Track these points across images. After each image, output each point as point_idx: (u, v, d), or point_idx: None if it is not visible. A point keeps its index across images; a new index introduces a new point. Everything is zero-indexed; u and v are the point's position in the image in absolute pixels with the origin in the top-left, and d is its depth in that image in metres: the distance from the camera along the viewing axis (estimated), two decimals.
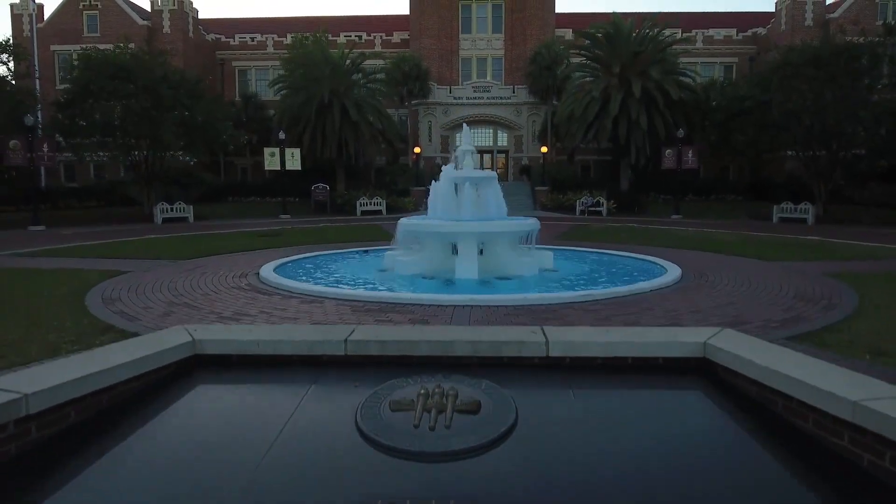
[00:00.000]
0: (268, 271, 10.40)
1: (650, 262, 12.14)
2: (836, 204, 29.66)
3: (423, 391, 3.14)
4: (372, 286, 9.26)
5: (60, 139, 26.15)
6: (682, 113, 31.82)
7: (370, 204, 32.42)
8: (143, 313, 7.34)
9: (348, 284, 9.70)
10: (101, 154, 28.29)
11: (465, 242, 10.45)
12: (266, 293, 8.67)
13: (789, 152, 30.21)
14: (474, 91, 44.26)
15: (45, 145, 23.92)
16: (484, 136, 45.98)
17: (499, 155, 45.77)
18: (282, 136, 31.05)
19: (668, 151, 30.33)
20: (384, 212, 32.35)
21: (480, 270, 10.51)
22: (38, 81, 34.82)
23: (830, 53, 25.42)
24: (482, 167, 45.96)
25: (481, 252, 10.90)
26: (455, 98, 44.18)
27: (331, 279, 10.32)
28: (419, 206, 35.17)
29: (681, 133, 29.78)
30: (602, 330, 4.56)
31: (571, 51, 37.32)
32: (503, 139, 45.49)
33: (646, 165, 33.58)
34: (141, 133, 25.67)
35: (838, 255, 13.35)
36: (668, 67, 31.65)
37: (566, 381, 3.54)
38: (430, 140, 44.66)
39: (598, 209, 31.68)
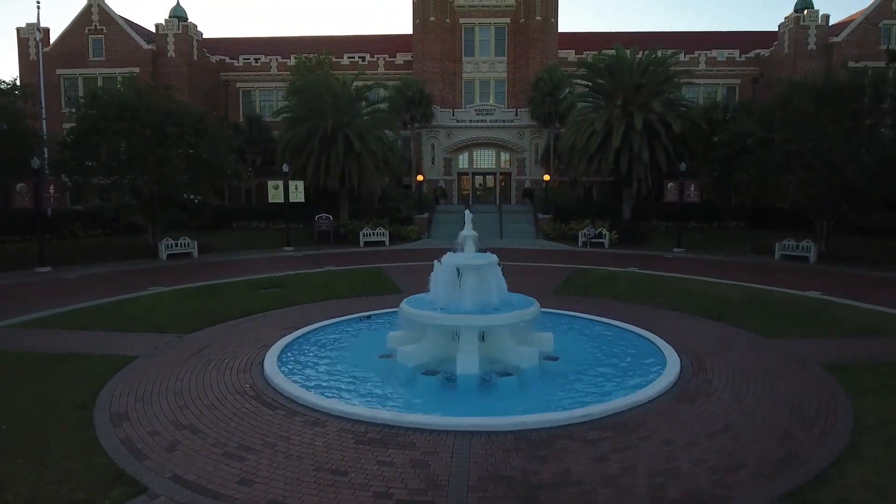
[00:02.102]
0: (272, 365, 10.55)
1: (650, 342, 12.23)
2: (839, 232, 29.62)
3: None
4: (374, 398, 9.39)
5: (66, 179, 26.38)
6: (685, 144, 31.93)
7: (373, 234, 32.60)
8: (151, 445, 7.50)
9: (350, 388, 9.83)
10: (108, 180, 28.42)
11: (466, 336, 10.60)
12: (270, 405, 8.83)
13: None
14: (477, 114, 44.51)
15: (51, 187, 24.15)
16: (487, 158, 46.24)
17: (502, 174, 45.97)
18: (285, 168, 31.26)
19: (670, 185, 30.44)
20: (387, 242, 32.56)
21: (481, 359, 10.65)
22: (44, 121, 35.01)
23: (833, 91, 25.47)
24: (485, 187, 46.22)
25: (482, 338, 11.07)
26: (458, 121, 44.44)
27: (332, 375, 10.47)
28: (421, 234, 35.42)
29: (683, 167, 29.87)
30: None
31: (575, 81, 37.41)
32: (506, 161, 45.67)
33: (648, 195, 33.69)
34: (146, 171, 25.86)
35: (837, 329, 13.42)
36: (670, 98, 31.71)
37: None
38: (432, 163, 44.93)
39: (600, 240, 31.79)
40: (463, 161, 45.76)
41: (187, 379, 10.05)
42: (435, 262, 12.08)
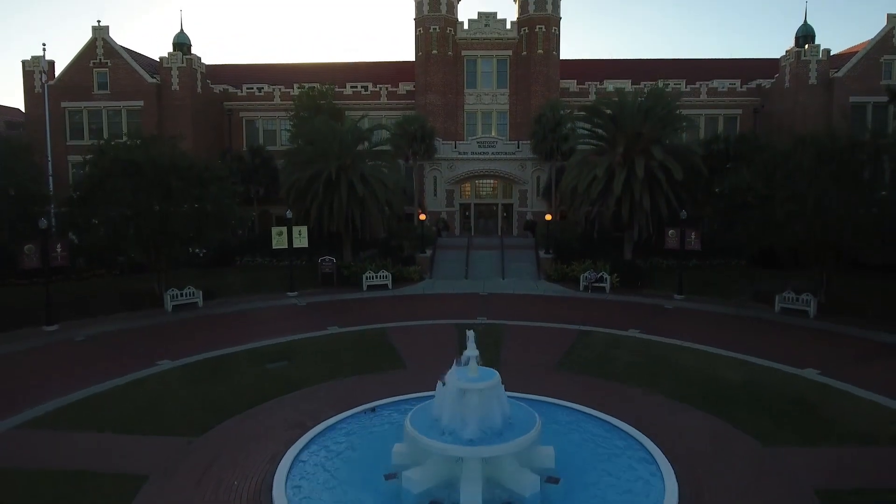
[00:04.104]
0: (280, 496, 10.83)
1: (651, 456, 12.46)
2: (841, 275, 29.61)
3: None
4: None
5: (73, 237, 26.68)
6: (686, 189, 32.15)
7: (376, 277, 32.86)
8: None
9: None
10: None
11: (469, 465, 10.87)
12: None
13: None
14: (479, 146, 44.80)
15: (58, 246, 24.46)
16: (489, 190, 46.48)
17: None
18: (289, 215, 31.54)
19: (671, 232, 30.67)
20: (390, 285, 32.81)
21: (484, 481, 10.94)
22: (50, 179, 35.34)
23: (832, 149, 25.66)
24: (487, 220, 46.46)
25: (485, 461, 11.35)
26: (460, 153, 44.76)
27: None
28: (424, 274, 35.68)
29: (684, 214, 30.10)
30: None
31: (577, 123, 37.62)
32: (508, 193, 45.90)
33: (649, 238, 33.94)
34: (151, 227, 26.16)
35: (835, 433, 13.63)
36: (672, 144, 31.90)
37: None
38: (434, 194, 45.23)
39: (601, 284, 32.02)
40: (465, 192, 46.02)
41: None
42: (439, 382, 12.35)
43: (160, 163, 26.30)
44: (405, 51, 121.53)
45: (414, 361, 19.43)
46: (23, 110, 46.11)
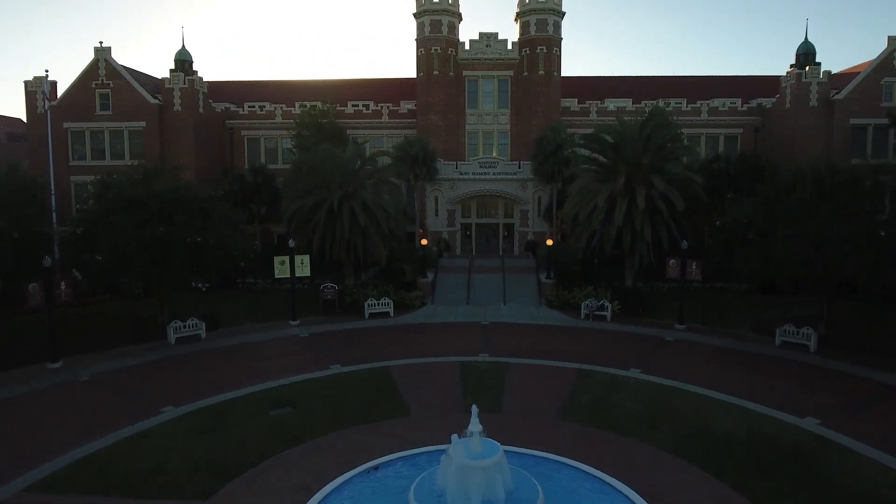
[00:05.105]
0: None
1: None
2: (842, 300, 29.58)
3: None
4: None
5: (77, 273, 26.83)
6: (687, 218, 32.26)
7: (378, 305, 33.00)
8: None
9: None
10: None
11: None
12: None
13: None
14: (480, 166, 44.93)
15: (63, 283, 24.60)
16: (490, 210, 46.59)
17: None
18: (291, 244, 31.67)
19: (671, 262, 30.78)
20: (391, 313, 32.95)
21: None
22: (54, 215, 35.48)
23: (832, 185, 25.77)
24: (488, 240, 46.53)
25: None
26: (461, 173, 44.90)
27: None
28: (425, 299, 35.80)
29: (685, 245, 30.21)
30: None
31: (579, 148, 37.70)
32: (509, 213, 46.01)
33: (650, 265, 34.06)
34: (154, 261, 26.29)
35: (836, 495, 13.74)
36: (673, 173, 31.99)
37: None
38: (436, 214, 45.36)
39: (602, 313, 32.13)
40: (466, 212, 46.14)
41: None
42: (443, 456, 12.49)
43: (164, 198, 26.43)
44: (407, 66, 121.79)
45: (417, 406, 19.57)
46: (24, 120, 46.18)
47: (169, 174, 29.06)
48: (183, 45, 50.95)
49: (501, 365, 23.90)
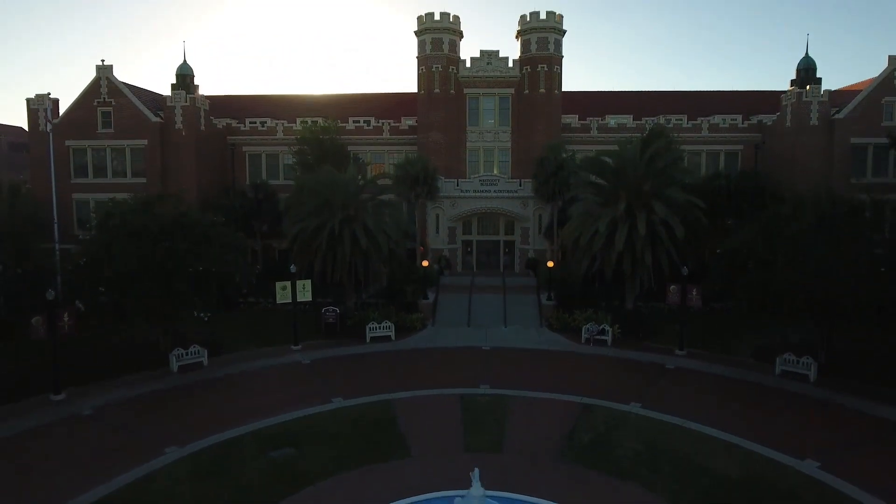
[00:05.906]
0: None
1: None
2: (842, 323, 29.57)
3: None
4: None
5: (80, 304, 26.95)
6: (688, 242, 32.32)
7: (379, 328, 33.11)
8: None
9: None
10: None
11: None
12: None
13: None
14: (481, 184, 45.07)
15: (66, 315, 24.71)
16: (491, 227, 46.70)
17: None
18: (293, 269, 31.78)
19: (672, 287, 30.88)
20: (393, 336, 33.05)
21: None
22: (57, 246, 35.60)
23: (833, 216, 25.86)
24: (489, 257, 46.59)
25: None
26: (462, 191, 45.02)
27: None
28: (426, 320, 35.91)
29: (685, 271, 30.29)
30: None
31: (579, 172, 37.71)
32: (510, 230, 46.11)
33: (650, 289, 34.15)
34: (156, 289, 26.41)
35: None
36: (673, 198, 32.03)
37: None
38: (437, 231, 45.46)
39: (603, 337, 32.23)
40: (467, 229, 46.24)
41: None
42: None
43: (166, 227, 26.56)
44: (408, 79, 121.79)
45: (419, 446, 19.68)
46: (26, 129, 46.23)
47: (170, 201, 29.15)
48: (184, 60, 51.16)
49: (502, 398, 23.96)
